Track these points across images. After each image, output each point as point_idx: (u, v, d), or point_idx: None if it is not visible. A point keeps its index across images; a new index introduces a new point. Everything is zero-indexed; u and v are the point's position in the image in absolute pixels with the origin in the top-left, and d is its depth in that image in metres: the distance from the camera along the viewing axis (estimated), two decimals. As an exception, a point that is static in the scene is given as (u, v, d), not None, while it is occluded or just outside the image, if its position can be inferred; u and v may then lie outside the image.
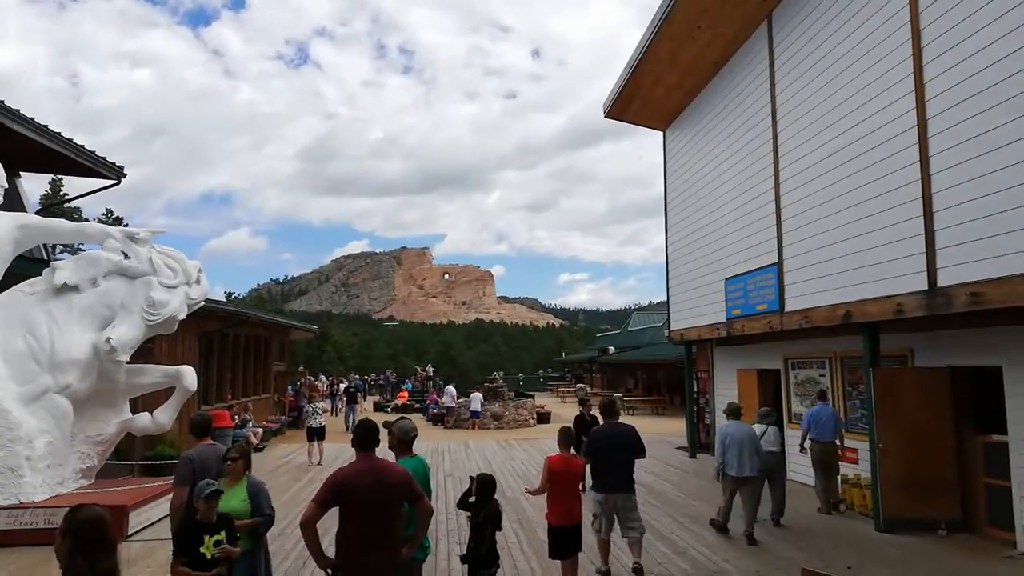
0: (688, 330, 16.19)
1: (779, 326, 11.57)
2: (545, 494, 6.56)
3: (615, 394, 28.73)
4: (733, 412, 9.38)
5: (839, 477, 10.71)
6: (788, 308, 11.35)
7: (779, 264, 11.65)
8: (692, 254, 15.92)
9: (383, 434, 4.59)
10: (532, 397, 31.87)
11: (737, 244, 13.44)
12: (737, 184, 13.47)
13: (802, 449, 10.63)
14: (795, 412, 12.92)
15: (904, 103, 8.54)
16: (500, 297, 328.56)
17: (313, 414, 16.15)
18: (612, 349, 45.16)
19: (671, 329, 17.47)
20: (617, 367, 44.42)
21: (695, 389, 17.51)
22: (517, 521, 9.69)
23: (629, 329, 50.05)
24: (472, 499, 5.84)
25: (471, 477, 5.99)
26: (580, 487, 6.66)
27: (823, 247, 10.31)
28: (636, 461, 7.31)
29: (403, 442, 5.04)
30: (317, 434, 15.71)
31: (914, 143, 8.33)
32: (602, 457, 7.18)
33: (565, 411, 29.39)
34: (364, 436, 4.42)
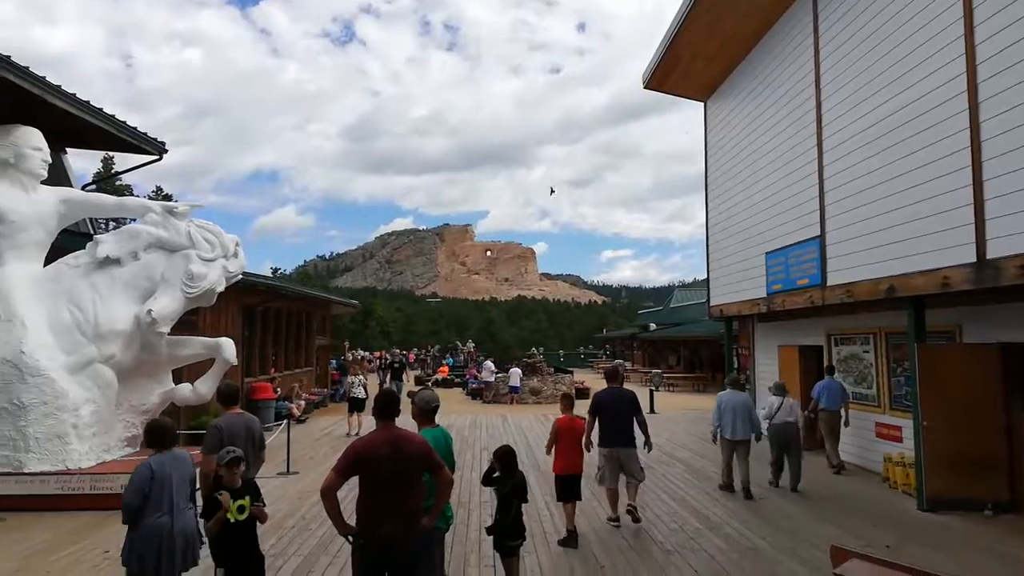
0: (728, 305, 15.90)
1: (821, 301, 11.25)
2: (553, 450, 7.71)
3: (617, 362, 28.88)
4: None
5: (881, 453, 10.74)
6: (830, 282, 11.02)
7: (821, 237, 11.30)
8: (732, 228, 15.57)
9: (406, 404, 4.60)
10: (571, 373, 31.85)
11: (778, 217, 13.08)
12: (779, 155, 13.08)
13: (809, 416, 11.60)
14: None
15: (954, 67, 8.13)
16: (542, 274, 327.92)
17: (355, 386, 16.37)
18: (653, 326, 44.87)
19: (711, 305, 17.19)
20: (658, 344, 44.10)
21: (736, 366, 17.22)
22: (550, 494, 9.68)
23: (672, 306, 49.69)
24: (496, 475, 5.84)
25: (493, 454, 5.98)
26: (583, 444, 7.73)
27: (867, 219, 9.95)
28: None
29: (424, 412, 5.03)
30: (358, 406, 15.96)
31: (963, 109, 7.93)
32: (607, 417, 8.17)
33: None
34: (384, 405, 4.42)
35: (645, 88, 17.21)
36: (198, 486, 5.14)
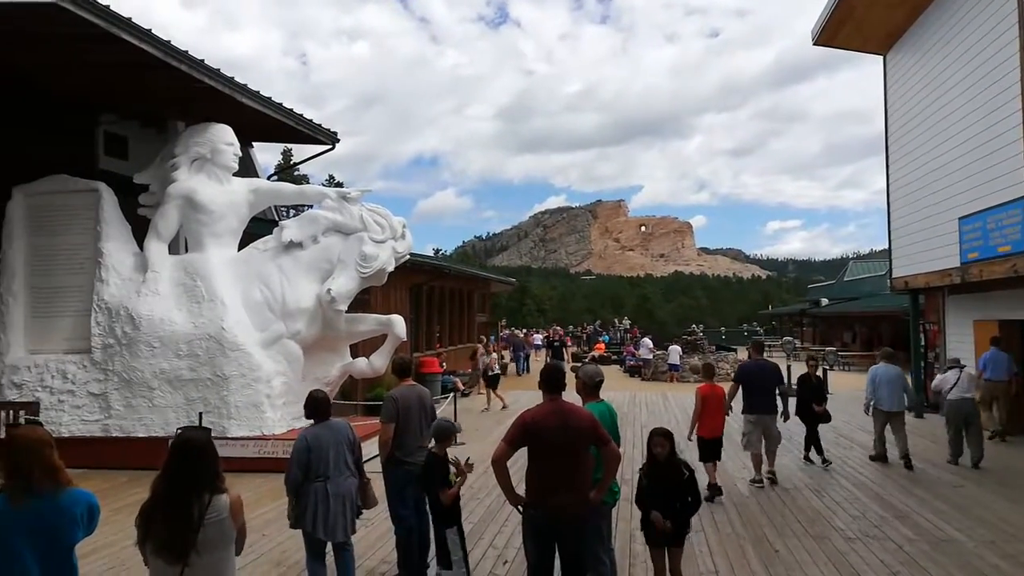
0: (914, 277, 14.54)
1: (1028, 270, 9.99)
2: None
3: (758, 336, 28.49)
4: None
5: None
6: (1040, 248, 9.74)
7: (1029, 198, 10.00)
8: (918, 192, 14.17)
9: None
10: (734, 351, 30.68)
11: (974, 178, 11.72)
12: (973, 109, 11.68)
13: (980, 384, 11.17)
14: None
15: None
16: (700, 248, 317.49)
17: (491, 364, 17.11)
18: (825, 301, 42.29)
19: (893, 277, 15.81)
20: (830, 320, 41.45)
21: (922, 343, 15.78)
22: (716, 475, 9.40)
23: (845, 279, 46.53)
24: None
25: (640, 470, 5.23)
26: (724, 408, 8.58)
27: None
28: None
29: (588, 386, 5.02)
30: (492, 382, 16.67)
31: None
32: (753, 386, 8.89)
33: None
34: (550, 379, 4.45)
35: (815, 44, 15.99)
36: (374, 454, 5.46)
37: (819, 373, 10.70)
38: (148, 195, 11.20)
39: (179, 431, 3.30)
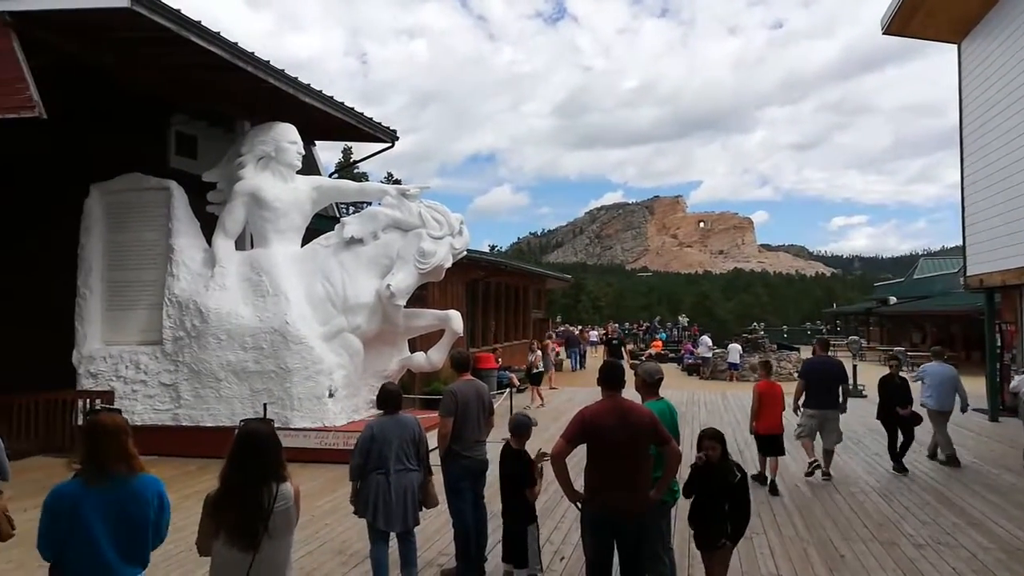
0: (990, 275, 13.90)
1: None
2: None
3: (822, 335, 26.86)
4: None
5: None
6: None
7: (1119, 191, 9.45)
8: (995, 186, 13.52)
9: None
10: (797, 350, 29.90)
11: (1058, 170, 11.13)
12: (1060, 97, 11.08)
13: None
14: None
15: None
16: (761, 245, 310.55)
17: (537, 360, 17.24)
18: (893, 299, 40.86)
19: (968, 275, 15.16)
20: (899, 319, 40.08)
21: (998, 343, 15.08)
22: (779, 475, 9.18)
23: (915, 277, 44.97)
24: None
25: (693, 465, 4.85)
26: (792, 407, 9.05)
27: None
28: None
29: (648, 384, 4.96)
30: (535, 379, 16.78)
31: None
32: (815, 382, 9.04)
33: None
34: (609, 376, 4.43)
35: (884, 34, 15.42)
36: (433, 446, 5.52)
37: (904, 375, 10.05)
38: (216, 193, 11.58)
39: (242, 422, 3.39)
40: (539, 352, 17.61)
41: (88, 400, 10.23)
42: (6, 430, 7.56)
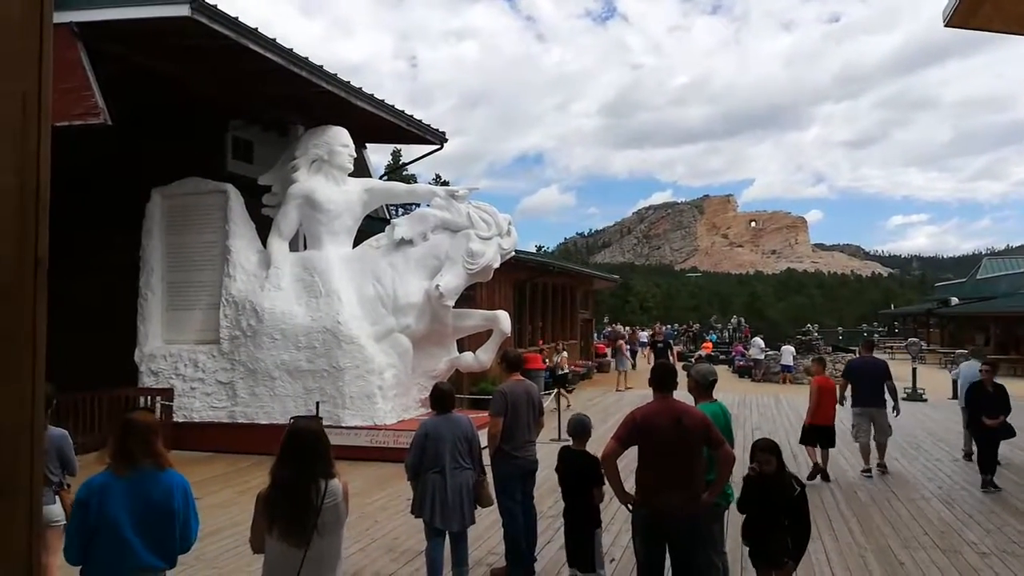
0: (1059, 275, 13.31)
1: None
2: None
3: (868, 336, 28.49)
4: None
5: None
6: None
7: None
8: (1066, 181, 12.95)
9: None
10: (852, 352, 29.12)
11: None
12: None
13: None
14: None
15: None
16: (815, 244, 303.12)
17: (564, 362, 17.38)
18: (955, 300, 39.50)
19: (1034, 274, 14.54)
20: (961, 320, 38.63)
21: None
22: (835, 480, 8.97)
23: (978, 277, 43.43)
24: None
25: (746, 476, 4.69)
26: (838, 399, 9.41)
27: None
28: None
29: (701, 386, 4.90)
30: (560, 381, 16.72)
31: None
32: (860, 381, 9.46)
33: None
34: (661, 377, 4.40)
35: (946, 26, 14.88)
36: (484, 445, 5.54)
37: (998, 381, 9.08)
38: (271, 196, 11.87)
39: (292, 420, 3.46)
40: (564, 353, 17.58)
41: (150, 397, 10.59)
42: (73, 426, 7.89)
